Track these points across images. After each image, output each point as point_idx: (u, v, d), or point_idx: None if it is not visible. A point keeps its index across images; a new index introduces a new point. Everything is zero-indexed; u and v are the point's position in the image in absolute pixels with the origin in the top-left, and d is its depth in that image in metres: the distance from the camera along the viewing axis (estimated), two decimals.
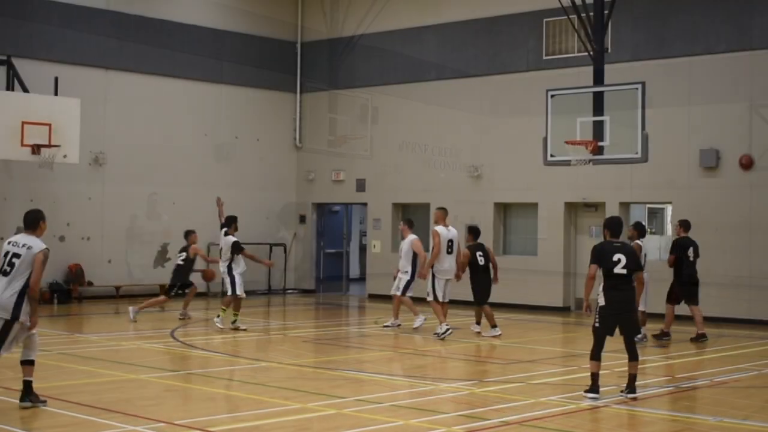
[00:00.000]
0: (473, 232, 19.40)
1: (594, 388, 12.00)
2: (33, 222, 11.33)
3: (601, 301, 12.23)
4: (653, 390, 13.03)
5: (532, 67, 25.46)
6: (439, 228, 18.77)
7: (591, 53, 19.89)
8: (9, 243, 11.14)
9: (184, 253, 21.25)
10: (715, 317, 21.78)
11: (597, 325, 12.25)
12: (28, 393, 11.00)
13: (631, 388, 12.12)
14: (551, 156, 19.17)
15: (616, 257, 12.23)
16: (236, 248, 19.24)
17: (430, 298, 18.68)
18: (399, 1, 28.42)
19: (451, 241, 18.63)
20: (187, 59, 27.77)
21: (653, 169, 21.90)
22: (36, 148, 21.72)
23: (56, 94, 23.08)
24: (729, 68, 22.53)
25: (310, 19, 30.39)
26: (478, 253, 18.97)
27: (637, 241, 17.60)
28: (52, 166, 22.18)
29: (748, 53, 22.31)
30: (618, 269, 12.19)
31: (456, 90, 27.02)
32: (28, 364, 11.10)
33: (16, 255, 10.97)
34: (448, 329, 18.24)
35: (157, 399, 11.96)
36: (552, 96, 19.28)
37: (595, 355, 12.15)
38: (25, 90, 22.97)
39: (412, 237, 19.75)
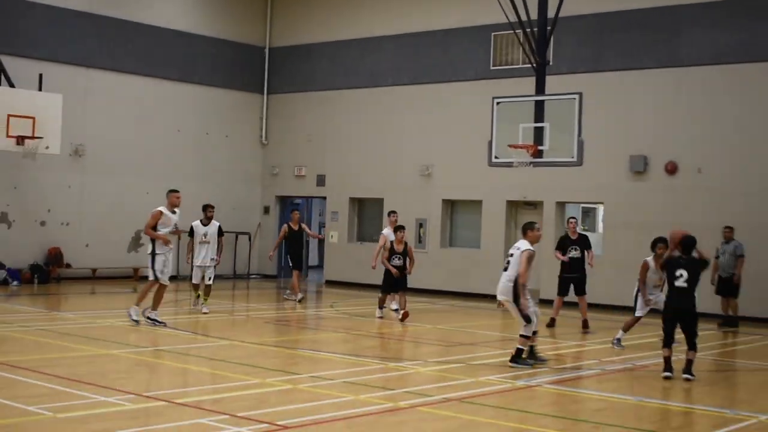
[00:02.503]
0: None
1: (667, 368, 12.70)
2: (524, 229, 13.59)
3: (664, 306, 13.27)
4: (582, 372, 13.18)
5: (480, 77, 25.58)
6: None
7: (534, 65, 20.02)
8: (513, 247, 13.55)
9: None
10: None
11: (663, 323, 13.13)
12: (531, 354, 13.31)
13: (687, 371, 12.68)
14: (495, 158, 19.28)
15: (678, 272, 12.81)
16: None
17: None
18: (360, 12, 28.45)
19: None
20: (163, 60, 27.64)
21: (588, 172, 22.09)
22: (20, 140, 21.56)
23: (40, 89, 22.91)
24: (658, 82, 22.78)
25: (278, 27, 30.32)
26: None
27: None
28: (35, 156, 22.01)
29: (676, 69, 22.57)
30: (680, 282, 12.82)
31: (410, 95, 27.10)
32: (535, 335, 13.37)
33: (511, 255, 13.35)
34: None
35: (127, 373, 11.92)
36: (497, 103, 19.38)
37: (666, 343, 12.88)
38: (11, 85, 22.79)
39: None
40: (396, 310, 19.79)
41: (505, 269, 13.36)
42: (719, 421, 10.02)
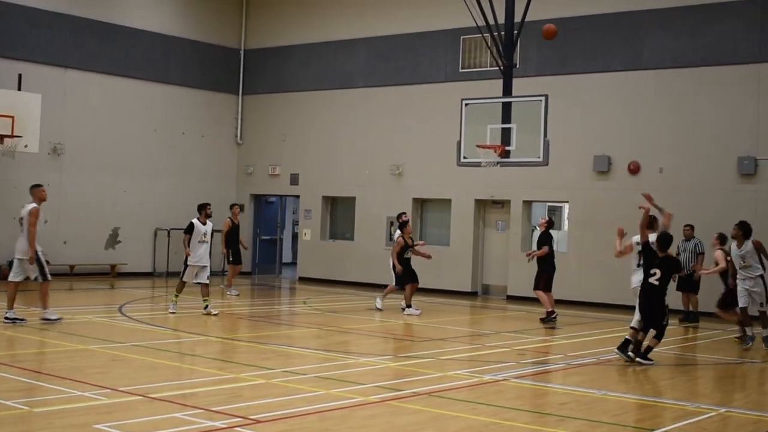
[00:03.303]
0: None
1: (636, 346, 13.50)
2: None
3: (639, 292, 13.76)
4: (547, 366, 13.18)
5: (450, 79, 25.56)
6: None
7: (501, 68, 19.99)
8: None
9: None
10: (604, 303, 22.15)
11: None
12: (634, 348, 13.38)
13: (645, 354, 13.30)
14: (464, 158, 19.25)
15: (652, 270, 13.36)
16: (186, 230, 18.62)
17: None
18: (333, 15, 28.35)
19: None
20: (139, 61, 27.47)
21: (553, 172, 22.12)
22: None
23: (19, 89, 22.64)
24: (622, 85, 22.85)
25: (253, 29, 30.18)
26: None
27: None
28: (14, 154, 21.78)
29: (639, 72, 22.65)
30: (652, 280, 13.33)
31: (382, 97, 27.04)
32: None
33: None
34: None
35: (104, 368, 11.80)
36: (466, 104, 19.34)
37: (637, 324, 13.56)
38: None
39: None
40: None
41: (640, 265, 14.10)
42: (680, 414, 10.04)
